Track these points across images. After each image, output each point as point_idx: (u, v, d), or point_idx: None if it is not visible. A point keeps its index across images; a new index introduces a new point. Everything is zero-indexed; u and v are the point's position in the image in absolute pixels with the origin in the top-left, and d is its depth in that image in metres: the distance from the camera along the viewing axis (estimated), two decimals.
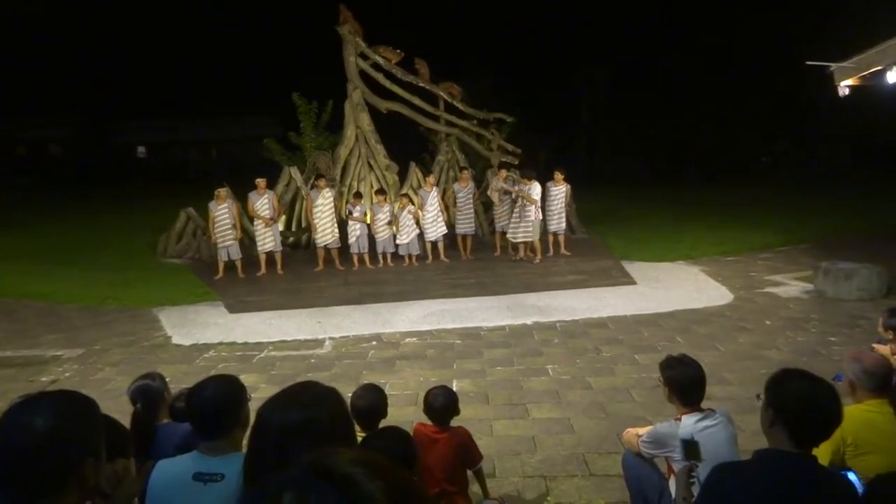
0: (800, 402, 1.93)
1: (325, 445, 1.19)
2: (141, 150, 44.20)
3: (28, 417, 1.31)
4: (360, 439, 3.00)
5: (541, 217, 10.73)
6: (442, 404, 3.18)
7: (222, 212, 10.37)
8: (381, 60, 12.62)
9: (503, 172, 11.56)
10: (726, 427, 2.77)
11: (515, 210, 10.74)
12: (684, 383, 2.82)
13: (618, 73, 32.24)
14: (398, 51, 12.72)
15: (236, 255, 10.48)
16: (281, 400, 1.35)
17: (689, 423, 2.74)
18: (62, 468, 1.30)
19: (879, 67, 8.42)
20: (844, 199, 17.44)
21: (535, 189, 10.49)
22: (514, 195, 10.85)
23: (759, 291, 8.64)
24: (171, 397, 3.06)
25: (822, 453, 2.34)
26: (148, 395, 2.84)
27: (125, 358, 6.80)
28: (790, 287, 8.80)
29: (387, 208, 10.87)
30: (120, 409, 2.97)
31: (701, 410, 2.80)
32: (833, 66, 9.06)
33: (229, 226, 10.40)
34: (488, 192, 11.74)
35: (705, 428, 2.72)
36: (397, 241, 10.91)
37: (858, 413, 2.65)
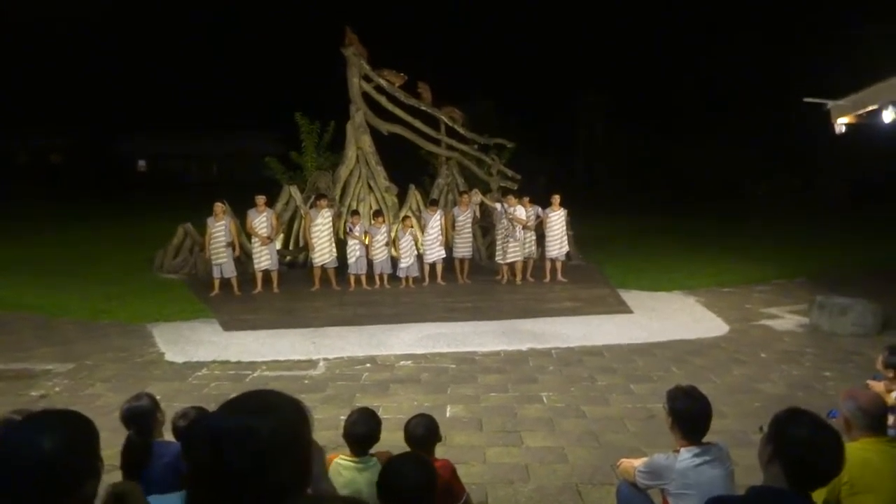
0: (801, 449, 1.90)
1: (263, 460, 1.09)
2: (141, 163, 44.40)
3: (37, 436, 1.29)
4: (351, 464, 2.98)
5: (529, 238, 11.13)
6: (423, 434, 3.10)
7: (218, 228, 10.34)
8: (384, 83, 12.76)
9: (476, 195, 11.98)
10: (723, 463, 2.75)
11: (500, 231, 11.10)
12: (689, 417, 2.78)
13: (617, 101, 32.69)
14: (401, 74, 12.86)
15: (229, 272, 10.39)
16: (227, 406, 1.20)
17: (686, 457, 2.73)
18: (66, 489, 1.29)
19: (875, 106, 8.53)
20: (841, 234, 17.51)
21: (521, 211, 10.99)
22: (504, 218, 10.99)
23: (754, 324, 8.65)
24: (163, 415, 3.03)
25: (818, 493, 2.32)
26: (139, 417, 2.82)
27: (117, 373, 6.74)
28: (785, 320, 8.81)
29: (384, 229, 10.89)
30: (110, 427, 2.94)
31: (700, 444, 2.77)
32: (830, 103, 9.17)
33: (223, 243, 10.31)
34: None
35: (703, 463, 2.71)
36: (399, 265, 10.93)
37: (854, 452, 2.62)
